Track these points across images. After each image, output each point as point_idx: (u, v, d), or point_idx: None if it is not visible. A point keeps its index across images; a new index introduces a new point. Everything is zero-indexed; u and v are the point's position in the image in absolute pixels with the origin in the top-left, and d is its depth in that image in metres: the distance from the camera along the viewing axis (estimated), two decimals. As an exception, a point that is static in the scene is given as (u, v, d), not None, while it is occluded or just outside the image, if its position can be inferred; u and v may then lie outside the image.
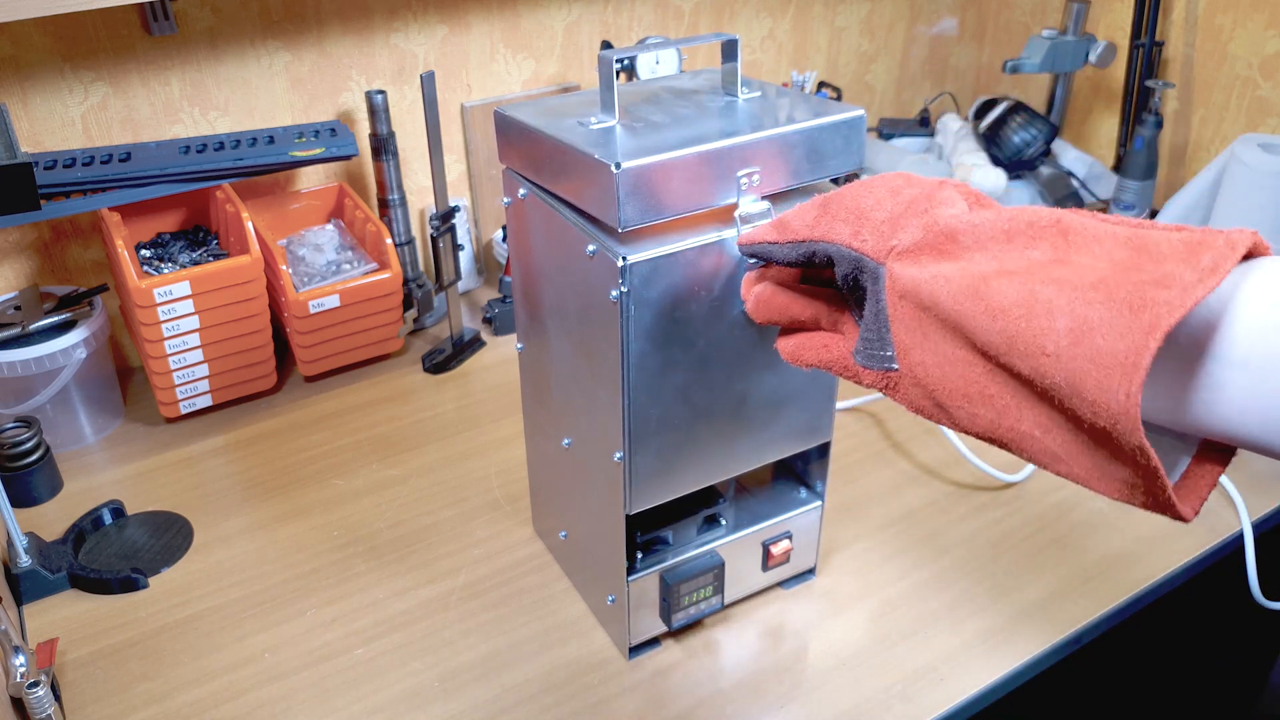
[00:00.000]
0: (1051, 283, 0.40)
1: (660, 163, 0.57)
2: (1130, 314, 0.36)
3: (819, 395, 0.72)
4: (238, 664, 0.76)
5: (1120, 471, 0.40)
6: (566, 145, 0.60)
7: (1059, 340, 0.39)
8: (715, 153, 0.59)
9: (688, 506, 0.74)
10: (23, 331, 0.95)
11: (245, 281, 0.98)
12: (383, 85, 1.15)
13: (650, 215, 0.58)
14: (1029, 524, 0.89)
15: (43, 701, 0.67)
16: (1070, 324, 0.38)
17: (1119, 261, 0.39)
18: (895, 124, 1.52)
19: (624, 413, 0.63)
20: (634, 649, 0.76)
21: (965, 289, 0.43)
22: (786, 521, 0.78)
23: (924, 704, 0.72)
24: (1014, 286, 0.41)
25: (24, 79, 0.96)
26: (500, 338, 1.18)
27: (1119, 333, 0.36)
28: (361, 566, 0.85)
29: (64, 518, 0.90)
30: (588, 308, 0.64)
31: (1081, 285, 0.39)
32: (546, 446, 0.79)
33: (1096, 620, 0.80)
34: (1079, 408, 0.39)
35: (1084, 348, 0.38)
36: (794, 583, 0.83)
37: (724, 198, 0.61)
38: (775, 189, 0.62)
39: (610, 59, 0.61)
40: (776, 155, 0.61)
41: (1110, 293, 0.37)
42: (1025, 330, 0.40)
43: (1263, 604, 0.86)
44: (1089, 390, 0.38)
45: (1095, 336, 0.37)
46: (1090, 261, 0.40)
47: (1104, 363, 0.37)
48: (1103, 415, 0.37)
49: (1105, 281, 0.38)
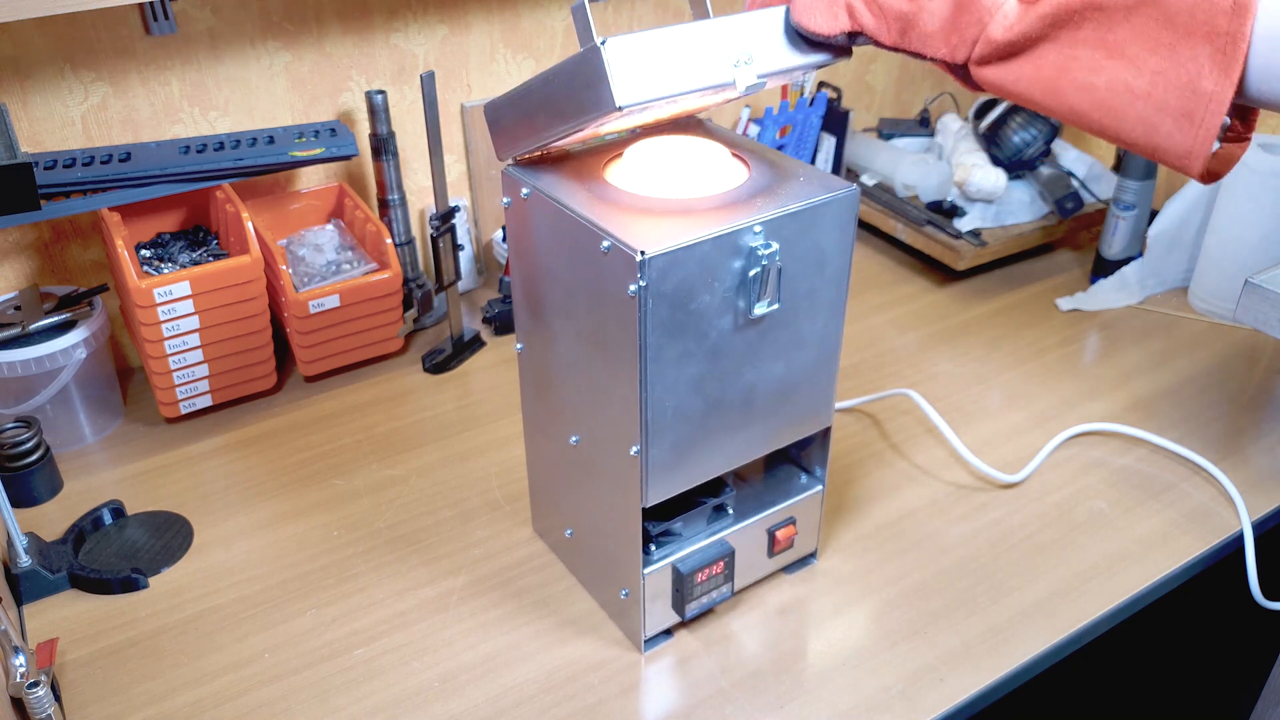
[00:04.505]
0: (1114, 88, 0.52)
1: (648, 35, 0.58)
2: (1185, 121, 0.50)
3: (821, 381, 0.74)
4: (238, 664, 0.76)
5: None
6: (551, 71, 0.61)
7: (1134, 135, 0.53)
8: (705, 28, 0.60)
9: (694, 498, 0.75)
10: (23, 331, 0.95)
11: (245, 281, 0.98)
12: (383, 85, 1.15)
13: (647, 90, 0.58)
14: (1029, 524, 0.89)
15: (43, 701, 0.67)
16: (1143, 128, 0.52)
17: (1155, 44, 0.50)
18: (895, 124, 1.52)
19: (641, 406, 0.64)
20: (648, 641, 0.77)
21: (1045, 90, 0.55)
22: (790, 507, 0.79)
23: (924, 704, 0.72)
24: (1083, 92, 0.53)
25: (24, 79, 0.96)
26: (500, 338, 1.18)
27: (1180, 133, 0.51)
28: (361, 566, 0.85)
29: (64, 518, 0.90)
30: (600, 304, 0.65)
31: (1139, 92, 0.51)
32: (549, 445, 0.79)
33: (1096, 620, 0.80)
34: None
35: (1156, 140, 0.52)
36: (797, 567, 0.84)
37: (719, 76, 0.61)
38: (770, 70, 0.63)
39: (583, 5, 0.61)
40: (767, 33, 0.62)
41: (1164, 103, 0.51)
42: (1106, 127, 0.53)
43: (1263, 604, 0.86)
44: (1160, 153, 0.53)
45: (1162, 137, 0.52)
46: (1133, 45, 0.51)
47: (1171, 153, 0.52)
48: (1171, 161, 0.52)
49: (1157, 86, 0.51)
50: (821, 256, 0.68)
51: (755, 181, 0.68)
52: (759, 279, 0.64)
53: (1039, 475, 0.95)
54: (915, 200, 1.35)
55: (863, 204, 1.37)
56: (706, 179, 0.68)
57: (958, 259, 1.25)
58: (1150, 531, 0.88)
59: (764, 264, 0.64)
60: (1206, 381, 1.08)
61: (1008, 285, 1.28)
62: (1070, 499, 0.92)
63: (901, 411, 1.04)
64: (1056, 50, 0.54)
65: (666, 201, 0.66)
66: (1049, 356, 1.13)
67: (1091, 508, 0.91)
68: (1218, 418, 1.02)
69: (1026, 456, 0.97)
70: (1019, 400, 1.06)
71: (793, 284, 0.67)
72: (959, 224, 1.29)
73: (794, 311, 0.68)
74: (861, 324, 1.20)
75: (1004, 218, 1.31)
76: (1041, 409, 1.04)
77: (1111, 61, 0.52)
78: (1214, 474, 0.94)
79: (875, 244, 1.39)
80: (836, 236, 0.68)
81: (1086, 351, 1.14)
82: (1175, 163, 0.52)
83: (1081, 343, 1.16)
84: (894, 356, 1.14)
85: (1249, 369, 1.10)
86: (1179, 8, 0.49)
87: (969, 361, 1.13)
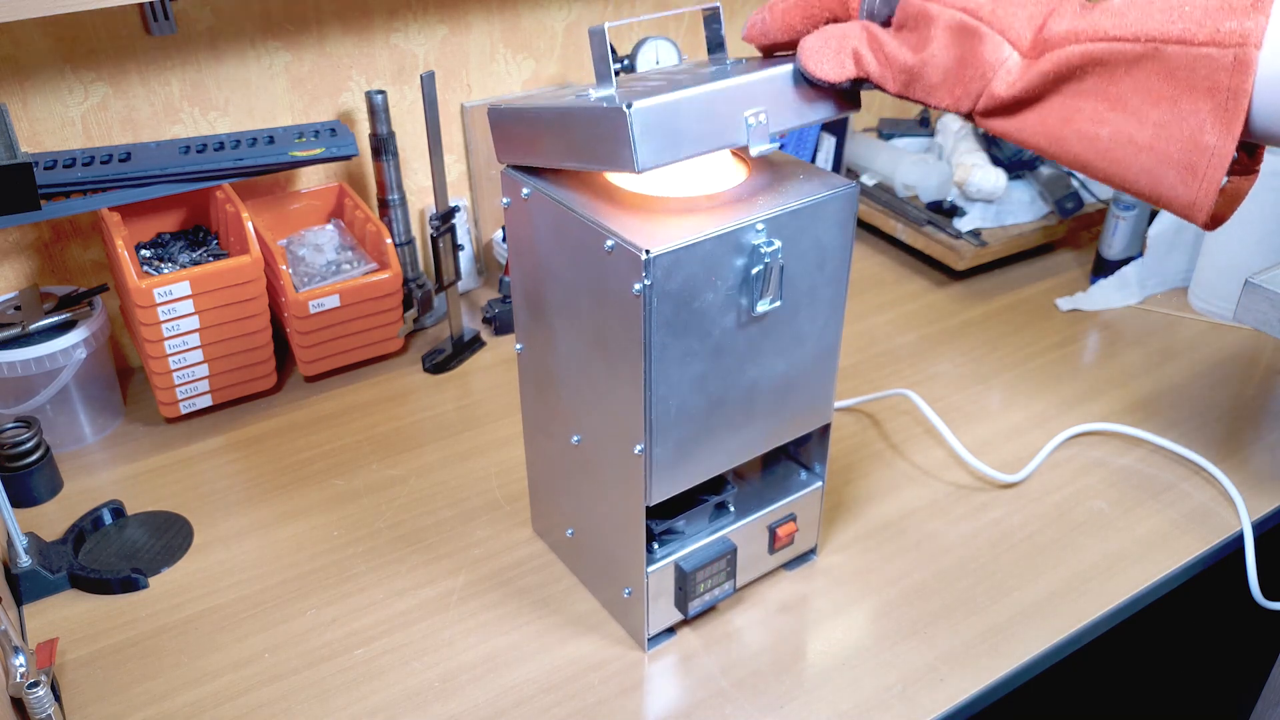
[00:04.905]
0: (1118, 139, 0.52)
1: (669, 102, 0.59)
2: (1188, 173, 0.50)
3: (822, 378, 0.74)
4: (238, 664, 0.76)
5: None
6: (570, 109, 0.62)
7: (1139, 186, 0.53)
8: (721, 92, 0.61)
9: (695, 496, 0.75)
10: (23, 331, 0.95)
11: (245, 281, 0.98)
12: (383, 85, 1.15)
13: (666, 155, 0.60)
14: (1029, 524, 0.89)
15: (43, 701, 0.67)
16: (1147, 178, 0.52)
17: (1157, 97, 0.51)
18: (895, 124, 1.51)
19: (646, 405, 0.64)
20: (651, 639, 0.77)
21: (1050, 140, 0.55)
22: (790, 504, 0.79)
23: (924, 704, 0.72)
24: (1087, 142, 0.54)
25: (24, 79, 0.96)
26: (500, 338, 1.18)
27: (1184, 186, 0.51)
28: (361, 566, 0.85)
29: (64, 518, 0.90)
30: (604, 303, 0.65)
31: (1142, 144, 0.52)
32: (550, 445, 0.79)
33: (1096, 620, 0.80)
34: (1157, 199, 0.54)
35: (1161, 191, 0.52)
36: (797, 564, 0.84)
37: (734, 138, 0.62)
38: (782, 127, 0.64)
39: (603, 31, 0.62)
40: (780, 93, 0.63)
41: (1167, 155, 0.51)
42: (1111, 177, 0.54)
43: (1263, 604, 0.86)
44: (1164, 202, 0.53)
45: (1165, 189, 0.52)
46: (1135, 98, 0.51)
47: (1176, 203, 0.52)
48: (1178, 212, 0.53)
49: (1160, 139, 0.51)
50: (822, 254, 0.68)
51: (756, 180, 0.68)
52: (761, 276, 0.64)
53: (1039, 475, 0.95)
54: (915, 200, 1.35)
55: (863, 204, 1.37)
56: (708, 177, 0.68)
57: (958, 259, 1.25)
58: (1150, 531, 0.88)
59: (766, 261, 0.64)
60: (1206, 381, 1.08)
61: (1008, 285, 1.28)
62: (1070, 499, 0.92)
63: (901, 411, 1.04)
64: (1060, 101, 0.54)
65: (668, 200, 0.66)
66: (1049, 356, 1.13)
67: (1091, 508, 0.91)
68: (1218, 418, 1.02)
69: (1026, 456, 0.97)
70: (1019, 400, 1.06)
71: (794, 281, 0.67)
72: (959, 224, 1.29)
73: (795, 308, 0.69)
74: (861, 324, 1.20)
75: (1004, 218, 1.31)
76: (1041, 409, 1.04)
77: (1114, 113, 0.52)
78: (1214, 474, 0.94)
79: (875, 244, 1.39)
80: (837, 234, 0.68)
81: (1086, 351, 1.14)
82: (1181, 213, 0.52)
83: (1081, 343, 1.16)
84: (894, 356, 1.14)
85: (1249, 369, 1.10)
86: (1180, 62, 0.49)
87: (969, 361, 1.13)
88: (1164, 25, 0.50)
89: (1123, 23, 0.51)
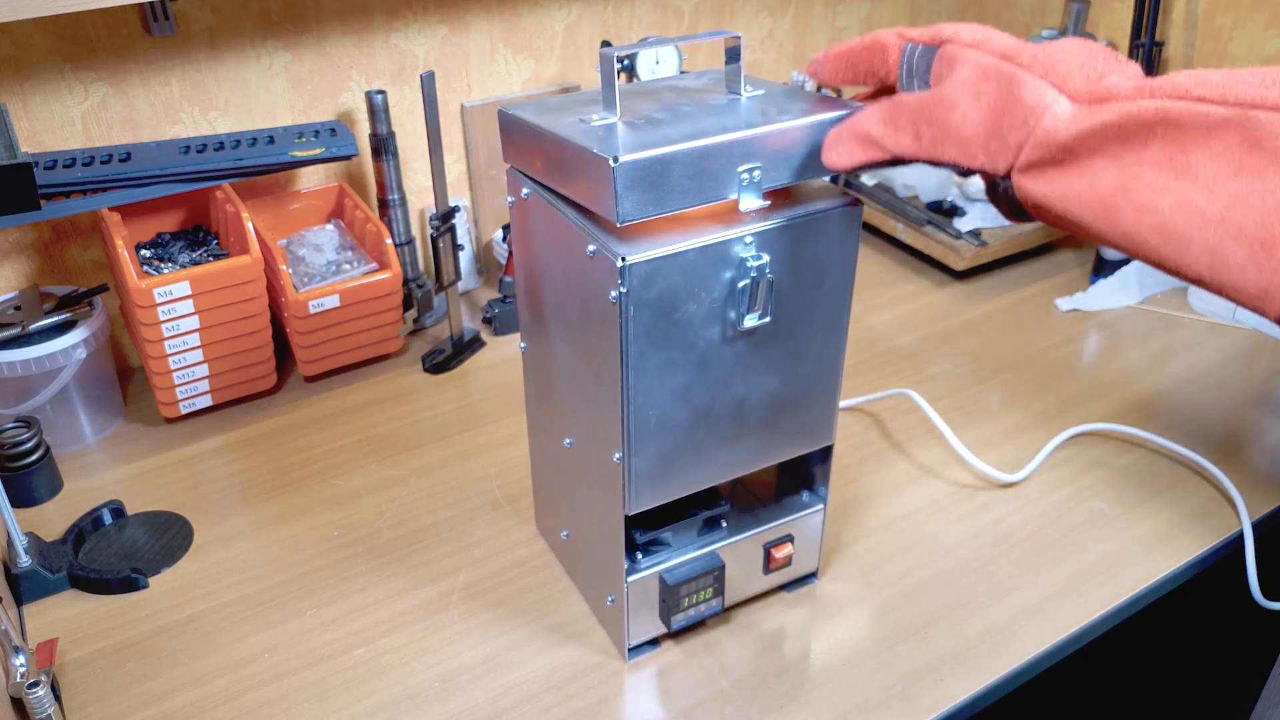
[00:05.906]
0: (1180, 209, 0.46)
1: (658, 156, 0.57)
2: (1263, 251, 0.43)
3: (821, 398, 0.72)
4: (237, 664, 0.76)
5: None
6: (566, 141, 0.60)
7: (1198, 267, 0.46)
8: (715, 147, 0.59)
9: (689, 508, 0.74)
10: (23, 331, 0.95)
11: (245, 281, 0.98)
12: (383, 85, 1.15)
13: (649, 210, 0.58)
14: (1029, 524, 0.89)
15: (43, 701, 0.67)
16: (1209, 259, 0.45)
17: (1238, 167, 0.44)
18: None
19: (623, 413, 0.63)
20: (633, 649, 0.76)
21: (1097, 212, 0.49)
22: (788, 524, 0.77)
23: (924, 704, 0.72)
24: (1144, 214, 0.47)
25: (24, 79, 0.96)
26: (500, 338, 1.18)
27: (1255, 268, 0.44)
28: (361, 566, 0.85)
29: (64, 518, 0.90)
30: (587, 308, 0.64)
31: (1210, 216, 0.45)
32: (549, 446, 0.79)
33: (1096, 620, 0.80)
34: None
35: (1223, 275, 0.45)
36: (796, 586, 0.82)
37: (724, 193, 0.60)
38: (776, 184, 0.62)
39: (611, 56, 0.61)
40: (778, 150, 0.61)
41: (1240, 229, 0.44)
42: (1165, 256, 0.47)
43: (1263, 604, 0.86)
44: (1227, 289, 0.46)
45: (1232, 271, 0.44)
46: (1209, 167, 0.45)
47: (1242, 290, 0.44)
48: (1243, 301, 0.45)
49: (1233, 211, 0.44)
50: (819, 271, 0.66)
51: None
52: (748, 291, 0.63)
53: (1039, 475, 0.95)
54: (915, 200, 1.35)
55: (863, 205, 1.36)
56: None
57: (958, 259, 1.25)
58: (1150, 531, 0.88)
59: (753, 275, 0.62)
60: (1206, 381, 1.08)
61: (1008, 285, 1.28)
62: (1070, 499, 0.92)
63: (901, 411, 1.04)
64: (1117, 167, 0.48)
65: None
66: (1049, 356, 1.13)
67: (1091, 508, 0.91)
68: (1218, 418, 1.02)
69: (1026, 456, 0.97)
70: (1019, 400, 1.06)
71: (787, 297, 0.65)
72: (959, 224, 1.29)
73: (789, 325, 0.66)
74: (861, 324, 1.20)
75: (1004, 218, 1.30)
76: (1041, 409, 1.04)
77: (1180, 183, 0.46)
78: (1214, 474, 0.94)
79: (875, 244, 1.39)
80: (836, 251, 0.66)
81: (1086, 351, 1.14)
82: (1247, 300, 0.45)
83: (1081, 343, 1.16)
84: (894, 356, 1.14)
85: (1249, 369, 1.10)
86: (1271, 130, 0.43)
87: (969, 361, 1.13)
88: (1257, 91, 0.44)
89: (1206, 83, 0.46)
